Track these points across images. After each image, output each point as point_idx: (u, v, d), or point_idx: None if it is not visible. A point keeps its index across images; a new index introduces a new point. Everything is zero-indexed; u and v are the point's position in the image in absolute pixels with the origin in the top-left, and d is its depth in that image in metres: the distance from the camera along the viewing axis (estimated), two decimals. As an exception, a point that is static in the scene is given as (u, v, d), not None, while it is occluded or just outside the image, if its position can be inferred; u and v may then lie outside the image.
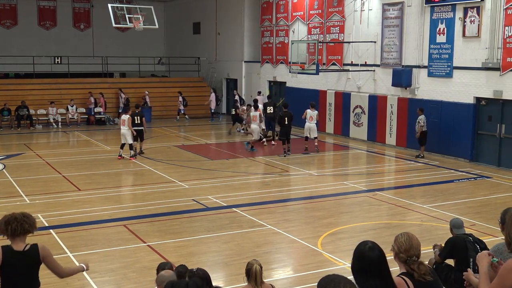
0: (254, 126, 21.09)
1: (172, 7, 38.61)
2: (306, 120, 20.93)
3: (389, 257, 4.04)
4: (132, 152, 19.37)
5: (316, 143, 20.92)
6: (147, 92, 30.45)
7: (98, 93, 29.65)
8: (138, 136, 19.67)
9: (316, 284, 3.48)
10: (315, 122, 21.04)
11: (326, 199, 14.28)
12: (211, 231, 11.55)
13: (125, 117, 19.30)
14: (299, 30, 26.96)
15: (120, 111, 28.88)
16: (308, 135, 20.99)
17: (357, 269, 3.99)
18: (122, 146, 19.30)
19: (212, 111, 30.87)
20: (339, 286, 3.33)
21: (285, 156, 19.96)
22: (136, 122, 19.49)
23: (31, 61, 30.08)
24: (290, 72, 24.84)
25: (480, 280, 3.95)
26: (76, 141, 24.45)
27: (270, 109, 23.10)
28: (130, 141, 19.18)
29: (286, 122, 20.19)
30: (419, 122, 19.27)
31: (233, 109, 25.90)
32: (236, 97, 28.07)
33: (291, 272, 9.64)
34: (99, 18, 35.37)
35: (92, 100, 29.21)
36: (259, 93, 27.55)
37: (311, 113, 20.94)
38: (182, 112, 30.89)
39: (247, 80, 31.33)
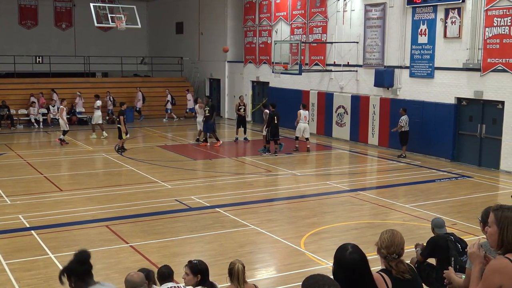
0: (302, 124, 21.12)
1: (154, 6, 38.47)
2: (301, 120, 20.99)
3: (368, 257, 4.04)
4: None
5: (308, 145, 21.08)
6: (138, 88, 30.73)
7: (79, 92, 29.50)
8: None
9: (300, 284, 3.48)
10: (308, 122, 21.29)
11: (309, 199, 14.33)
12: (194, 232, 11.54)
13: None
14: (282, 31, 27.01)
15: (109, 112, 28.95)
16: (300, 135, 21.07)
17: (341, 278, 3.82)
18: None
19: (187, 110, 30.92)
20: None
21: (276, 155, 20.02)
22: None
23: (12, 60, 29.77)
24: (273, 72, 24.87)
25: (473, 278, 3.97)
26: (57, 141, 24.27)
27: (207, 111, 22.21)
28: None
29: (276, 121, 20.26)
30: (400, 122, 19.44)
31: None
32: (189, 96, 28.20)
33: (274, 272, 9.66)
34: (81, 17, 35.12)
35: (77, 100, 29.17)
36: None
37: (304, 113, 21.13)
38: (169, 112, 30.79)
39: (230, 80, 31.31)
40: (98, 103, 24.65)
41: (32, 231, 11.41)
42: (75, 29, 36.63)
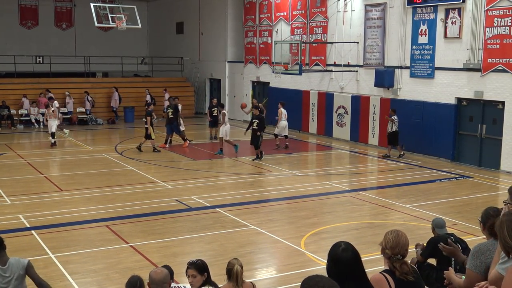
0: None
1: (155, 6, 38.46)
2: (283, 118, 21.28)
3: (368, 257, 4.05)
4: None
5: (287, 142, 21.50)
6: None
7: (84, 92, 29.53)
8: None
9: (300, 284, 3.48)
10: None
11: (309, 199, 14.32)
12: (195, 232, 11.54)
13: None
14: (282, 31, 27.01)
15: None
16: (281, 133, 21.48)
17: (334, 273, 3.97)
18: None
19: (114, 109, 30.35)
20: None
21: (260, 158, 19.38)
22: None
23: (12, 60, 29.77)
24: (273, 72, 24.87)
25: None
26: (58, 141, 24.26)
27: (170, 112, 22.14)
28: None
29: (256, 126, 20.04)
30: (393, 122, 19.58)
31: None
32: (148, 98, 28.30)
33: (274, 272, 9.66)
34: (81, 17, 35.12)
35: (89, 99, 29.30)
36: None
37: (284, 111, 21.46)
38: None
39: (230, 80, 31.31)
40: (56, 104, 24.34)
41: (32, 231, 11.41)
42: (76, 29, 36.62)
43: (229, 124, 21.13)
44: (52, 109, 22.73)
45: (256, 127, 19.42)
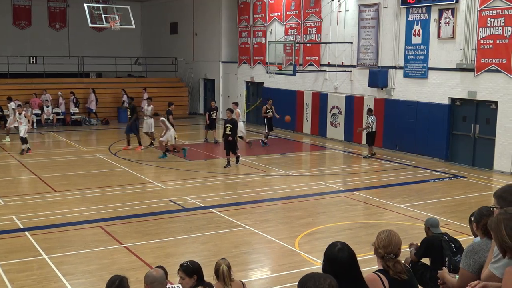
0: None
1: (149, 7, 38.41)
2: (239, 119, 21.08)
3: (362, 257, 4.07)
4: None
5: (247, 141, 21.52)
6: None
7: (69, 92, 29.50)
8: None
9: (296, 284, 3.50)
10: None
11: (304, 199, 14.34)
12: (189, 232, 11.53)
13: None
14: (276, 31, 27.03)
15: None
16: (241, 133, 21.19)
17: (330, 273, 3.95)
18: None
19: (93, 111, 29.90)
20: (319, 281, 3.36)
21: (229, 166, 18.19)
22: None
23: (6, 61, 29.67)
24: (267, 72, 24.87)
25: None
26: (51, 142, 24.20)
27: (128, 112, 21.92)
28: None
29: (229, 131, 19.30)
30: (367, 123, 19.62)
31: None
32: (124, 98, 28.19)
33: (268, 272, 9.67)
34: (75, 17, 35.03)
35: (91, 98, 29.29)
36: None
37: (239, 112, 21.68)
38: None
39: (224, 81, 31.31)
40: (12, 105, 23.54)
41: (26, 232, 11.37)
42: (69, 29, 36.53)
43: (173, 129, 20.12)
44: (19, 115, 20.82)
45: (229, 132, 17.88)
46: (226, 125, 18.11)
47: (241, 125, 21.03)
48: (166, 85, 33.14)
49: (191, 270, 5.81)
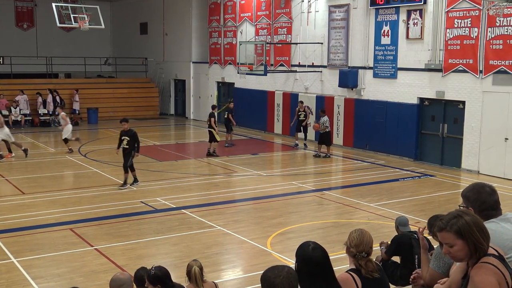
0: None
1: (118, 7, 38.08)
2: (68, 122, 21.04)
3: (334, 256, 4.10)
4: None
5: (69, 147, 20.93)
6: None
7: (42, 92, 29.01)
8: None
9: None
10: None
11: (275, 199, 14.38)
12: (160, 233, 11.47)
13: None
14: (247, 31, 27.04)
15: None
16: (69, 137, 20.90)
17: (304, 272, 3.99)
18: None
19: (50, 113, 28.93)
20: (277, 269, 3.44)
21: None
22: None
23: (-29, 61, 29.14)
24: (238, 73, 24.88)
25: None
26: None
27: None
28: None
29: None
30: (324, 123, 19.76)
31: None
32: (77, 97, 27.99)
33: (241, 273, 9.67)
34: (43, 17, 34.55)
35: (41, 100, 28.65)
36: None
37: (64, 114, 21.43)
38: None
39: (195, 81, 31.21)
40: None
41: (-6, 236, 11.18)
42: (37, 29, 36.02)
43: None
44: None
45: (127, 146, 15.11)
46: (123, 137, 15.22)
47: (68, 128, 20.55)
48: (137, 85, 32.92)
49: (152, 278, 5.65)
